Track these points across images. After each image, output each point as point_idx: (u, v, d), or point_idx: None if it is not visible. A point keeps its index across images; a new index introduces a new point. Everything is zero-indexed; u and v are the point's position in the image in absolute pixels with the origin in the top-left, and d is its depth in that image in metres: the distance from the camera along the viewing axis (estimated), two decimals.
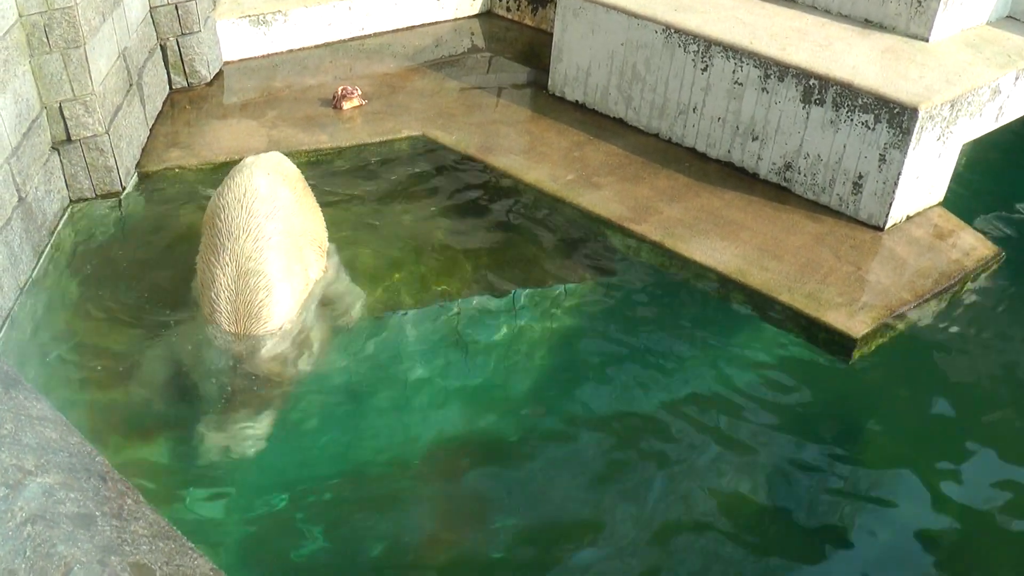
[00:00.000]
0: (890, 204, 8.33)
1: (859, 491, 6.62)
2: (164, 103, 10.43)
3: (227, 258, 6.88)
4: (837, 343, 7.44)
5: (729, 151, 9.31)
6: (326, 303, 7.63)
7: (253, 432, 6.50)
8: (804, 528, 6.36)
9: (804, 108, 8.58)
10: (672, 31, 9.29)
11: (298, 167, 7.85)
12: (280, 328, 6.94)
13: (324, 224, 7.84)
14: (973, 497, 6.57)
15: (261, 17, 11.38)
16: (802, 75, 8.51)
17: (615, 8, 9.71)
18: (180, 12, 10.21)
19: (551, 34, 10.75)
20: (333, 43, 11.95)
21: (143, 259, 8.27)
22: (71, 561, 3.26)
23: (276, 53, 11.66)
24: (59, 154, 8.37)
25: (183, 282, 7.67)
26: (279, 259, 7.02)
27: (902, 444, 7.03)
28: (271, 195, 7.18)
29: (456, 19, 12.66)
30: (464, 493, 6.53)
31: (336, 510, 6.35)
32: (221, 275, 6.87)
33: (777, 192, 8.99)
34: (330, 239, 7.93)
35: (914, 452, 6.94)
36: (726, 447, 6.86)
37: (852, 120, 8.31)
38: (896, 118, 8.05)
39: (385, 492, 6.48)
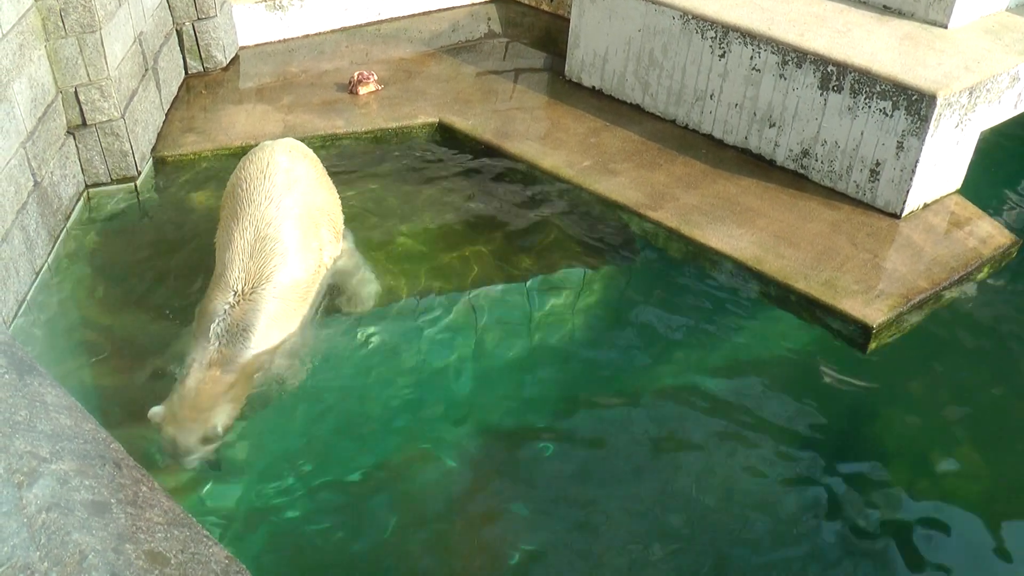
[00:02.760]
0: (907, 192, 8.29)
1: (872, 481, 6.60)
2: (180, 88, 10.43)
3: (247, 223, 6.97)
4: (853, 331, 7.41)
5: (746, 138, 9.27)
6: (341, 288, 7.64)
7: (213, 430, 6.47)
8: (815, 517, 6.34)
9: (822, 95, 8.54)
10: (690, 17, 9.24)
11: (314, 152, 7.85)
12: (284, 295, 6.95)
13: (340, 208, 7.85)
14: (990, 489, 6.54)
15: (277, 2, 11.36)
16: (820, 61, 8.47)
17: None
18: None
19: (568, 20, 10.71)
20: (349, 28, 11.92)
21: (158, 244, 8.29)
22: (86, 549, 3.26)
23: (292, 38, 11.65)
24: (74, 138, 8.38)
25: (198, 267, 7.68)
26: (296, 230, 7.08)
27: (917, 433, 7.02)
28: (291, 169, 7.29)
29: (472, 4, 12.62)
30: (481, 480, 6.53)
31: (350, 496, 6.36)
32: (239, 238, 6.93)
33: (794, 179, 8.95)
34: (345, 224, 7.92)
35: (930, 440, 6.93)
36: (740, 435, 6.85)
37: (870, 107, 8.26)
38: (914, 105, 8.00)
39: (400, 479, 6.49)
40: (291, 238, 7.03)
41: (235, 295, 6.77)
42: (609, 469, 6.60)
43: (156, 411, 6.39)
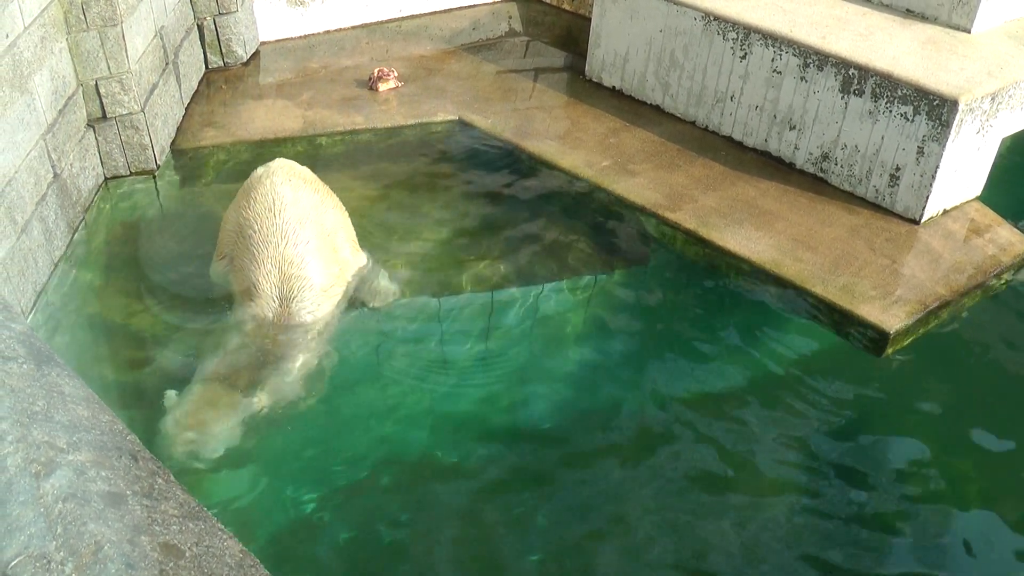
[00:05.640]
0: (927, 197, 8.26)
1: (887, 487, 6.57)
2: (200, 82, 10.45)
3: (269, 266, 6.98)
4: (870, 337, 7.38)
5: (766, 140, 9.25)
6: (359, 286, 7.65)
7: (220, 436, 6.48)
8: (828, 523, 6.31)
9: (843, 98, 8.52)
10: (711, 18, 9.23)
11: (333, 148, 7.86)
12: (316, 331, 7.01)
13: (349, 220, 7.84)
14: (1005, 497, 6.52)
15: None
16: (842, 65, 8.44)
17: None
18: None
19: (589, 19, 10.70)
20: (370, 24, 11.93)
21: (176, 237, 8.32)
22: (101, 540, 3.26)
23: (313, 34, 11.66)
24: (94, 131, 8.40)
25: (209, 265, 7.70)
26: (319, 262, 7.12)
27: (933, 439, 6.98)
28: (297, 200, 7.25)
29: (494, 2, 12.63)
30: (492, 481, 6.52)
31: (363, 494, 6.36)
32: (264, 282, 6.96)
33: (813, 183, 8.93)
34: (362, 221, 7.93)
35: (945, 447, 6.90)
36: (755, 439, 6.83)
37: (891, 111, 8.24)
38: (935, 110, 7.97)
39: (412, 478, 6.49)
40: (316, 274, 7.08)
41: (268, 334, 6.85)
42: (622, 472, 6.59)
43: (171, 395, 6.44)
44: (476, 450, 6.70)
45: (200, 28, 10.39)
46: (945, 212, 8.53)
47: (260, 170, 7.53)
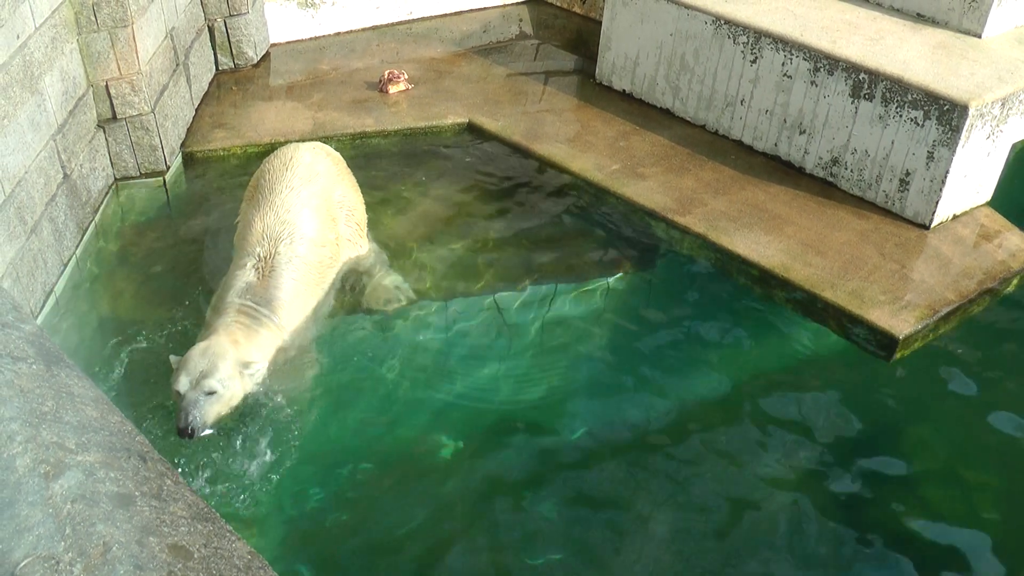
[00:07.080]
0: (937, 202, 8.24)
1: (896, 493, 6.56)
2: (210, 84, 10.47)
3: (267, 209, 7.13)
4: (879, 342, 7.37)
5: (776, 144, 9.24)
6: (365, 287, 7.65)
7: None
8: (835, 528, 6.30)
9: (853, 102, 8.50)
10: (722, 22, 9.22)
11: (343, 150, 7.90)
12: (300, 276, 7.03)
13: (363, 208, 7.90)
14: (1011, 504, 6.49)
15: (309, 0, 11.42)
16: (852, 69, 8.43)
17: None
18: None
19: (600, 22, 10.70)
20: (381, 27, 11.94)
21: (186, 238, 8.33)
22: (110, 541, 3.27)
23: (323, 36, 11.68)
24: (104, 132, 8.41)
25: (224, 261, 7.70)
26: (313, 217, 7.21)
27: (941, 445, 6.97)
28: (312, 164, 7.44)
29: (504, 5, 12.63)
30: (499, 481, 6.52)
31: (372, 494, 6.36)
32: (259, 222, 7.08)
33: (823, 187, 8.92)
34: (371, 221, 7.94)
35: (952, 453, 6.88)
36: (763, 444, 6.82)
37: (901, 116, 8.22)
38: (946, 115, 7.96)
39: (422, 477, 6.49)
40: (307, 224, 7.15)
41: (256, 272, 6.86)
42: (629, 475, 6.58)
43: (175, 358, 6.47)
44: (485, 452, 6.71)
45: (211, 29, 10.40)
46: (955, 217, 8.51)
47: (292, 144, 7.77)
